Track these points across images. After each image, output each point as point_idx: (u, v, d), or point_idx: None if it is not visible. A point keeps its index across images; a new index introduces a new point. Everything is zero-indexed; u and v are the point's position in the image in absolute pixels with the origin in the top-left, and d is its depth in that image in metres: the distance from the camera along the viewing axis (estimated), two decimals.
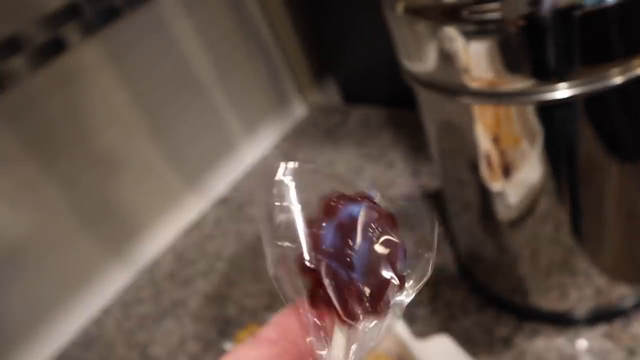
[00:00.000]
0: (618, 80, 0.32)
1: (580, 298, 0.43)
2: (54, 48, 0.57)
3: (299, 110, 0.84)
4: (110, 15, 0.61)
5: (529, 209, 0.41)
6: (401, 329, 0.41)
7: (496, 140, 0.38)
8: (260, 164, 0.77)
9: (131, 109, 0.65)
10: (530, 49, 0.32)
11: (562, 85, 0.33)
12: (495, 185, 0.41)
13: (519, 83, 0.34)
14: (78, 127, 0.61)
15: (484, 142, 0.39)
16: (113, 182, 0.64)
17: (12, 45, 0.55)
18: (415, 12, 0.34)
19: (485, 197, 0.42)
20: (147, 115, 0.66)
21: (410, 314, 0.50)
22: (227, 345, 0.45)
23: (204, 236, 0.69)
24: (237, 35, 0.75)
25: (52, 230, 0.60)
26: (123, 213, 0.66)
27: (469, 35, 0.33)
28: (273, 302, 0.55)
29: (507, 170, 0.40)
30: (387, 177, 0.66)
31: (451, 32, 0.33)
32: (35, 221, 0.59)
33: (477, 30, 0.32)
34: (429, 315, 0.49)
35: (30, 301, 0.59)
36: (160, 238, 0.69)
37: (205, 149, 0.73)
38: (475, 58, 0.34)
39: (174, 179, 0.70)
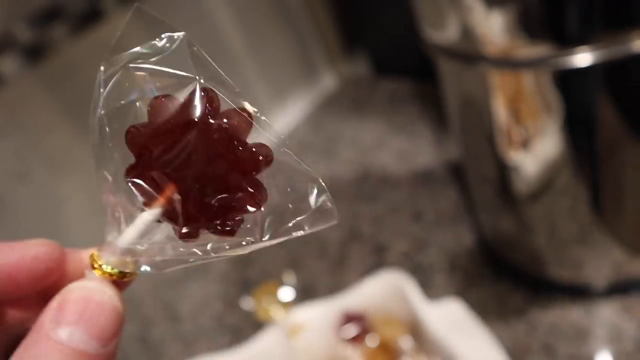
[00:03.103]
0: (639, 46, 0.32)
1: (597, 271, 0.43)
2: (92, 16, 0.60)
3: (328, 81, 0.85)
4: None
5: (548, 182, 0.41)
6: (412, 291, 0.42)
7: (515, 111, 0.38)
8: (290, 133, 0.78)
9: None
10: (549, 14, 0.32)
11: (582, 50, 0.32)
12: (514, 157, 0.41)
13: (538, 49, 0.33)
14: None
15: (502, 113, 0.39)
16: None
17: (53, 14, 0.57)
18: None
19: (504, 169, 0.42)
20: None
21: (427, 281, 0.51)
22: (246, 301, 0.47)
23: None
24: (268, 5, 0.75)
25: (87, 192, 0.63)
26: None
27: (488, 2, 0.33)
28: (294, 265, 0.57)
29: (525, 143, 0.40)
30: (412, 148, 0.67)
31: (471, 0, 0.33)
32: (72, 184, 0.62)
33: None
34: (446, 283, 0.50)
35: None
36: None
37: None
38: (494, 25, 0.34)
39: None
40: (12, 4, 0.55)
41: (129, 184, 0.17)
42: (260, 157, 0.17)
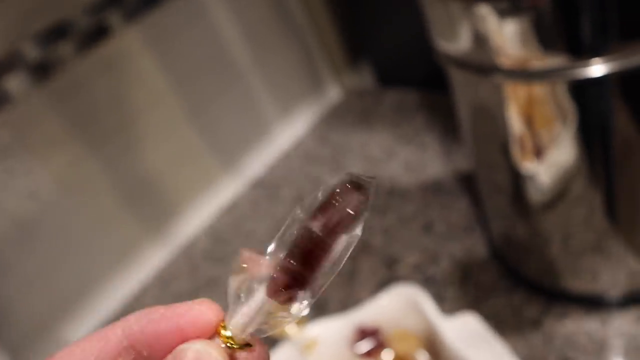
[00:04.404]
0: None
1: (612, 281, 0.43)
2: (98, 34, 0.60)
3: (333, 93, 0.85)
4: (151, 1, 0.63)
5: (562, 191, 0.41)
6: (427, 305, 0.41)
7: (529, 121, 0.38)
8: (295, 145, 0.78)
9: (170, 93, 0.67)
10: (564, 25, 0.32)
11: (597, 62, 0.32)
12: (528, 167, 0.41)
13: (552, 60, 0.33)
14: (120, 111, 0.63)
15: (516, 123, 0.39)
16: (152, 164, 0.67)
17: (60, 32, 0.57)
18: None
19: (518, 179, 0.42)
20: (186, 98, 0.68)
21: (439, 294, 0.50)
22: None
23: (239, 217, 0.71)
24: (273, 18, 0.76)
25: (95, 208, 0.63)
26: (162, 193, 0.68)
27: (502, 13, 0.33)
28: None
29: (539, 152, 0.39)
30: (420, 159, 0.67)
31: (484, 10, 0.33)
32: (79, 199, 0.62)
33: (511, 7, 0.32)
34: (459, 295, 0.50)
35: (75, 276, 0.62)
36: (197, 218, 0.72)
37: (241, 132, 0.75)
38: (508, 36, 0.33)
39: (211, 161, 0.72)
40: (19, 23, 0.55)
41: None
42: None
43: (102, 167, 0.63)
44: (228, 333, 0.18)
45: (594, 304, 0.44)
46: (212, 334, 0.18)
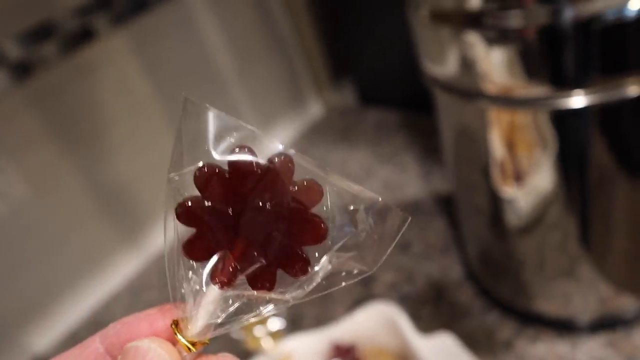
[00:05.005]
0: (633, 92, 0.33)
1: (584, 306, 0.44)
2: (83, 37, 0.59)
3: (315, 109, 0.86)
4: (139, 8, 0.63)
5: (539, 216, 0.42)
6: (404, 323, 0.42)
7: (510, 146, 0.39)
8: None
9: (152, 100, 0.66)
10: (548, 57, 0.33)
11: (578, 93, 0.34)
12: (507, 191, 0.42)
13: (536, 90, 0.35)
14: (100, 115, 0.62)
15: (498, 147, 0.40)
16: (130, 170, 0.66)
17: (44, 32, 0.56)
18: (439, 17, 0.35)
19: (496, 203, 0.43)
20: (168, 107, 0.68)
21: (414, 313, 0.51)
22: (235, 330, 0.47)
23: None
24: (259, 32, 0.76)
25: (68, 212, 0.62)
26: (137, 201, 0.67)
27: (490, 41, 0.34)
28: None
29: (519, 177, 0.41)
30: (398, 179, 0.67)
31: (473, 38, 0.34)
32: (53, 203, 0.60)
33: (498, 36, 0.33)
34: (433, 315, 0.50)
35: (43, 281, 0.60)
36: (172, 228, 0.71)
37: None
38: (495, 63, 0.35)
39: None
40: (3, 21, 0.54)
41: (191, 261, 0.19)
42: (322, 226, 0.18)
43: (77, 171, 0.61)
44: (182, 333, 0.18)
45: (565, 327, 0.45)
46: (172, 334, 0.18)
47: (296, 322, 0.53)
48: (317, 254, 0.18)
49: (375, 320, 0.44)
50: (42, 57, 0.56)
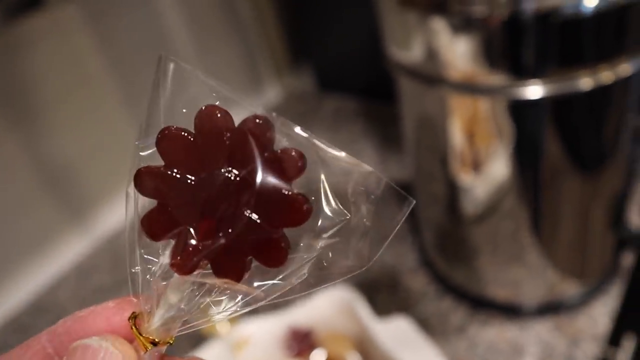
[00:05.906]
0: (586, 85, 0.34)
1: (532, 291, 0.46)
2: (29, 4, 0.56)
3: (273, 93, 0.85)
4: None
5: (494, 205, 0.43)
6: (361, 308, 0.42)
7: (470, 135, 0.40)
8: None
9: (104, 75, 0.64)
10: (509, 47, 0.34)
11: (535, 83, 0.34)
12: (465, 180, 0.42)
13: (496, 78, 0.35)
14: (48, 88, 0.59)
15: (458, 136, 0.40)
16: (79, 148, 0.63)
17: None
18: (406, 1, 0.35)
19: (454, 191, 0.44)
20: (120, 82, 0.65)
21: (370, 298, 0.51)
22: None
23: None
24: (219, 12, 0.74)
25: (11, 191, 0.58)
26: (86, 180, 0.64)
27: (455, 28, 0.34)
28: None
29: (477, 166, 0.41)
30: None
31: (438, 24, 0.34)
32: None
33: (463, 24, 0.34)
34: (388, 301, 0.51)
35: None
36: (123, 208, 0.68)
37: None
38: (458, 50, 0.35)
39: None
40: None
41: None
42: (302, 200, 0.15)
43: (23, 147, 0.58)
44: (140, 329, 0.16)
45: (514, 312, 0.47)
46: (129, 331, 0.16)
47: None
48: (301, 244, 0.15)
49: (333, 305, 0.44)
50: None
